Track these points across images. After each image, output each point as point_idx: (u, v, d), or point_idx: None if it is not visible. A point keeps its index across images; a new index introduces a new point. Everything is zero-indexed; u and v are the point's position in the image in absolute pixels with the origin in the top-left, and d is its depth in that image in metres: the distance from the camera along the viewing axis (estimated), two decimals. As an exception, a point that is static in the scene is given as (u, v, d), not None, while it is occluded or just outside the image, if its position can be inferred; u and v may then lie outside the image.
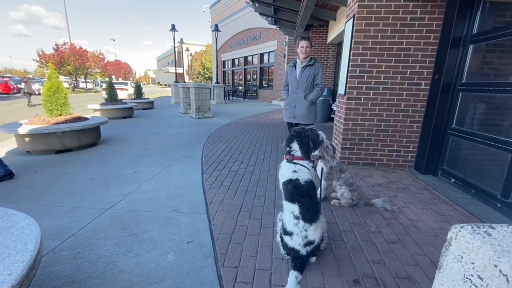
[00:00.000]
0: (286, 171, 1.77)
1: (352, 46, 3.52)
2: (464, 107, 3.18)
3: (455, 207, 2.63)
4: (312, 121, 3.53)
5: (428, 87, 3.50)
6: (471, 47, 3.06)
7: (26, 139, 4.36)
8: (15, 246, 1.16)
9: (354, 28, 3.46)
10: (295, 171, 1.74)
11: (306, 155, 1.79)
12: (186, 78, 45.60)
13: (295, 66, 3.53)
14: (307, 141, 1.82)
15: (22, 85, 19.23)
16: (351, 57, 3.55)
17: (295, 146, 1.81)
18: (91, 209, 2.57)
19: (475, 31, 3.01)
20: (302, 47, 3.32)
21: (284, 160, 1.85)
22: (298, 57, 3.45)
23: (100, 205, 2.64)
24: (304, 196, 1.66)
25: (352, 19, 3.54)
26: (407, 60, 3.46)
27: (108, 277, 1.67)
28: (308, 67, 3.42)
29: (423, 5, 3.28)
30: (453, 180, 3.20)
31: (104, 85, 10.79)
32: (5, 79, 24.54)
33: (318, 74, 3.43)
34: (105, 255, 1.88)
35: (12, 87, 23.19)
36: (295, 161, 1.78)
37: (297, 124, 3.55)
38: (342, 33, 5.24)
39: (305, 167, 1.76)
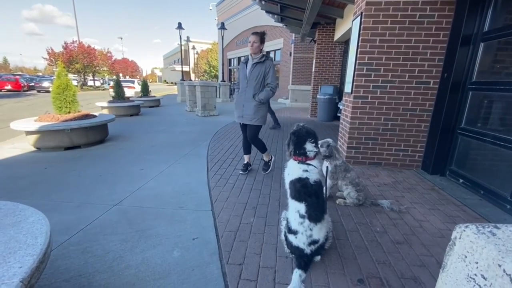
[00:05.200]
0: (295, 170, 1.76)
1: (359, 44, 3.48)
2: (473, 106, 3.12)
3: (463, 208, 2.59)
4: (260, 122, 3.29)
5: (436, 86, 3.44)
6: (482, 45, 3.00)
7: (36, 136, 4.46)
8: (26, 240, 1.19)
9: (362, 25, 3.42)
10: (306, 171, 1.73)
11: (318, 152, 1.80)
12: (192, 76, 45.84)
13: (246, 62, 3.28)
14: (316, 138, 1.82)
15: None
16: (358, 55, 3.52)
17: (309, 146, 1.80)
18: (99, 205, 2.61)
19: (486, 28, 2.95)
20: (250, 42, 3.12)
21: (293, 161, 1.84)
22: (251, 54, 3.22)
23: (108, 201, 2.68)
24: (312, 195, 1.66)
25: (359, 16, 3.50)
26: (415, 58, 3.41)
27: (115, 272, 1.70)
28: (259, 65, 3.16)
29: (433, 2, 3.22)
30: (461, 180, 3.15)
31: (112, 83, 10.91)
32: (16, 77, 25.04)
33: (269, 73, 3.16)
34: (112, 250, 1.92)
35: (22, 84, 23.64)
36: (308, 162, 1.78)
37: (244, 125, 3.43)
38: (349, 31, 5.19)
39: (315, 167, 1.76)
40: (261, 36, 3.14)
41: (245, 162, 3.58)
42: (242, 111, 3.32)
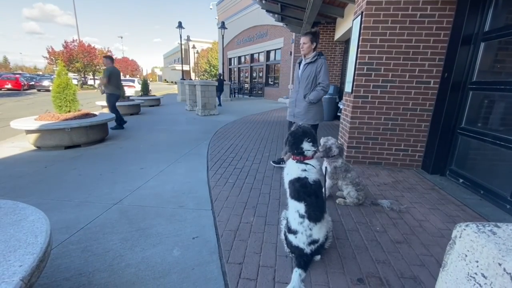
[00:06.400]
0: (294, 170, 1.76)
1: (360, 43, 3.47)
2: (474, 106, 3.12)
3: (463, 208, 2.59)
4: (312, 121, 3.31)
5: (437, 86, 3.44)
6: (482, 44, 2.99)
7: (36, 134, 4.46)
8: (26, 239, 1.19)
9: (362, 25, 3.42)
10: (304, 170, 1.73)
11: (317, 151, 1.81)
12: (193, 76, 45.81)
13: (300, 63, 3.36)
14: (314, 137, 1.82)
15: None
16: (358, 55, 3.51)
17: (306, 146, 1.79)
18: (99, 204, 2.61)
19: (487, 28, 2.94)
20: (301, 43, 3.17)
21: (291, 160, 1.84)
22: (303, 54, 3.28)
23: (108, 200, 2.68)
24: (311, 195, 1.65)
25: (360, 16, 3.49)
26: (416, 58, 3.40)
27: (115, 270, 1.71)
28: (311, 65, 3.18)
29: (434, 1, 3.22)
30: (461, 180, 3.15)
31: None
32: (16, 75, 25.02)
33: (321, 72, 3.13)
34: (112, 249, 1.92)
35: (22, 83, 23.61)
36: (306, 161, 1.77)
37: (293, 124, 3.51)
38: (349, 31, 5.18)
39: (314, 167, 1.76)
40: (312, 36, 3.10)
41: (282, 157, 3.67)
42: (294, 110, 3.45)
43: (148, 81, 14.14)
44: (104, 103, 8.99)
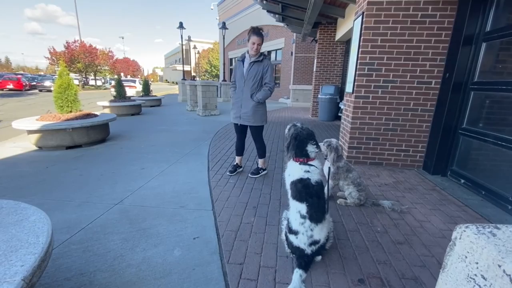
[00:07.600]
0: (297, 171, 1.76)
1: (361, 44, 3.47)
2: (475, 106, 3.11)
3: (464, 209, 2.58)
4: (259, 122, 3.24)
5: (438, 86, 3.43)
6: (484, 45, 2.99)
7: (38, 135, 4.47)
8: (27, 239, 1.19)
9: (363, 25, 3.41)
10: (307, 171, 1.73)
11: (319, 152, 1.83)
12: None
13: (243, 61, 3.17)
14: (315, 139, 1.83)
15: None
16: (359, 55, 3.51)
17: (311, 148, 1.80)
18: (100, 204, 2.62)
19: (488, 28, 2.94)
20: (254, 43, 2.97)
21: (293, 161, 1.84)
22: (248, 51, 3.11)
23: (109, 200, 2.69)
24: (313, 196, 1.66)
25: (361, 16, 3.49)
26: (417, 58, 3.40)
27: (116, 270, 1.71)
28: (257, 64, 3.08)
29: (435, 1, 3.21)
30: (462, 181, 3.14)
31: (113, 83, 10.93)
32: (18, 76, 25.11)
33: (267, 72, 3.09)
34: (113, 249, 1.92)
35: (24, 84, 23.71)
36: (309, 162, 1.78)
37: (243, 126, 3.35)
38: (350, 31, 5.18)
39: (317, 168, 1.76)
40: (263, 37, 3.06)
41: (235, 163, 3.56)
42: (240, 111, 3.24)
43: (150, 82, 14.16)
44: (106, 103, 9.05)
